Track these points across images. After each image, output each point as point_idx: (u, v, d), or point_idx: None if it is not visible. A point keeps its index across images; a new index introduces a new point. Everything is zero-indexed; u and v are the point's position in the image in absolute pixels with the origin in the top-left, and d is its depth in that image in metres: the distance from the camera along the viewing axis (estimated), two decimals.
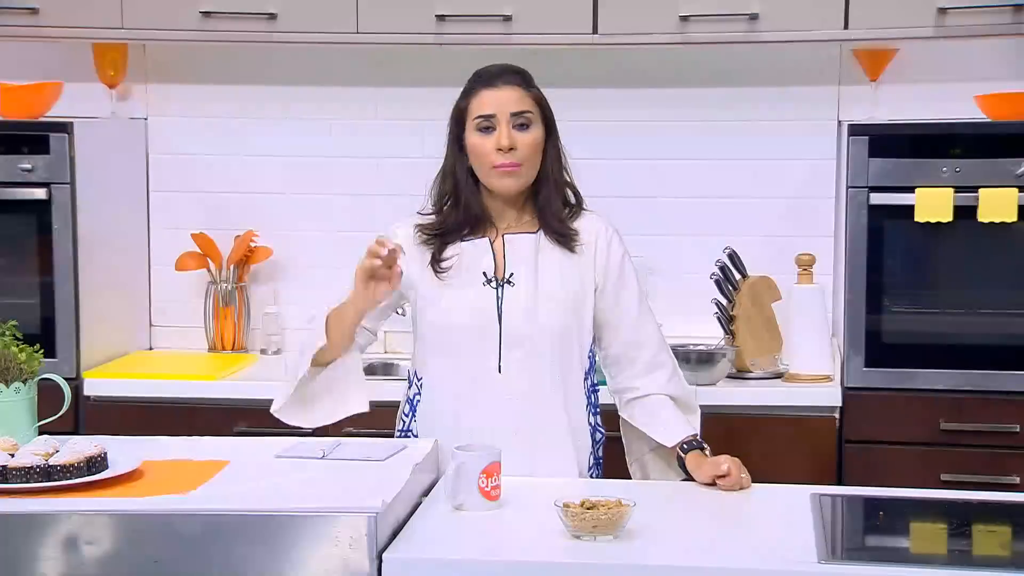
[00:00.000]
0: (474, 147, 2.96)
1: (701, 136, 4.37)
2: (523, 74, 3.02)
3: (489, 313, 2.97)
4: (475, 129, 2.96)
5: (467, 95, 3.00)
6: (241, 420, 3.93)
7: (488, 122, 2.95)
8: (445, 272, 2.99)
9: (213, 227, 4.45)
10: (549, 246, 3.01)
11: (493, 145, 2.94)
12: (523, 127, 2.95)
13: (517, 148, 2.94)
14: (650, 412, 3.04)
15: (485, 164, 2.96)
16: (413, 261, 3.00)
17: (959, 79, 4.18)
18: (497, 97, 2.95)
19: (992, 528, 2.76)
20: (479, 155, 2.96)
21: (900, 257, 3.90)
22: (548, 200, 3.01)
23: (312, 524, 2.40)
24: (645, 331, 3.07)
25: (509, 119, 2.94)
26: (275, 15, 4.04)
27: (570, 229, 3.01)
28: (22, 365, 2.85)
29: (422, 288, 3.01)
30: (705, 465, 2.87)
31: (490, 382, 2.97)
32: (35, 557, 2.42)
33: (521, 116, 2.95)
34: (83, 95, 4.41)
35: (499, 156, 2.93)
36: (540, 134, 2.98)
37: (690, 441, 2.96)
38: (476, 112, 2.96)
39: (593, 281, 3.02)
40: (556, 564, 2.42)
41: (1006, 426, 3.82)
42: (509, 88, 2.97)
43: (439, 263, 2.99)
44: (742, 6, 3.92)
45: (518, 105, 2.96)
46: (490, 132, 2.95)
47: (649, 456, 3.09)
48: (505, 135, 2.93)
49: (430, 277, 3.00)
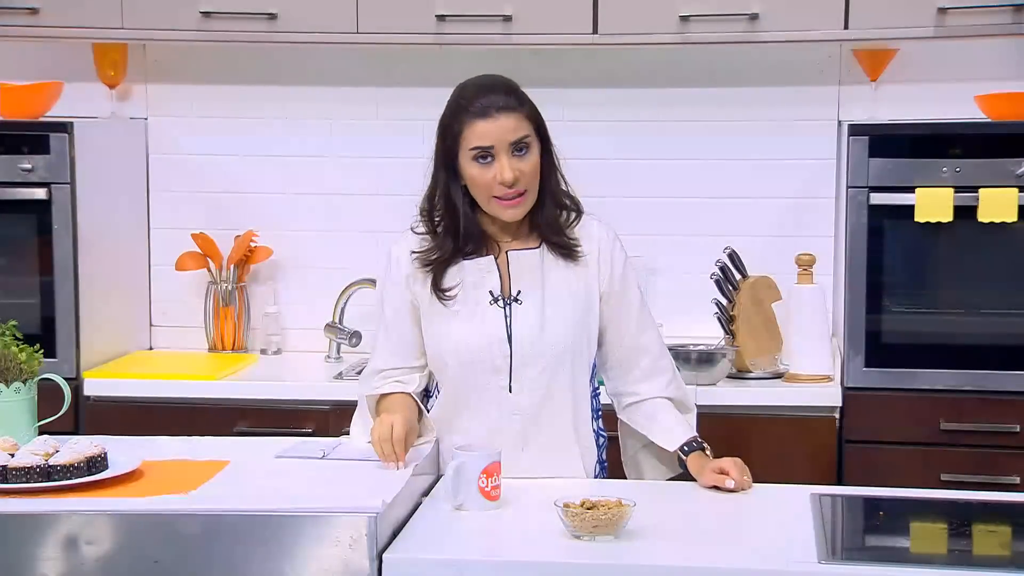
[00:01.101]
0: (473, 179, 2.88)
1: (701, 136, 4.37)
2: (514, 92, 2.91)
3: (499, 334, 2.93)
4: (472, 159, 2.87)
5: (459, 120, 2.87)
6: (241, 420, 3.94)
7: (486, 152, 2.86)
8: (451, 299, 2.94)
9: (213, 227, 4.45)
10: (553, 259, 2.97)
11: (494, 178, 2.85)
12: (521, 151, 2.87)
13: (520, 179, 2.87)
14: (650, 416, 3.03)
15: (486, 194, 2.89)
16: (415, 281, 2.97)
17: (959, 79, 4.18)
18: (494, 128, 2.85)
19: (992, 528, 2.76)
20: (480, 186, 2.88)
21: (900, 257, 3.90)
22: (548, 215, 2.96)
23: (312, 524, 2.40)
24: (646, 337, 3.05)
25: (508, 148, 2.86)
26: (275, 15, 4.04)
27: (571, 239, 2.97)
28: (22, 365, 2.86)
29: (429, 310, 2.97)
30: (707, 472, 2.86)
31: (500, 400, 2.94)
32: (35, 557, 2.42)
33: (519, 143, 2.87)
34: (83, 95, 4.40)
35: (501, 189, 2.86)
36: (538, 153, 2.91)
37: (690, 442, 2.96)
38: (473, 143, 2.86)
39: (598, 289, 3.00)
40: (556, 564, 2.42)
41: (1006, 426, 3.82)
42: (503, 116, 2.85)
43: (442, 291, 2.94)
44: (742, 6, 3.92)
45: (515, 133, 2.86)
46: (488, 162, 2.86)
47: (642, 454, 3.08)
48: (507, 168, 2.85)
49: (436, 299, 2.96)
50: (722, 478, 2.82)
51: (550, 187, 2.96)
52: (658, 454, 3.04)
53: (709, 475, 2.84)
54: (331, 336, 4.32)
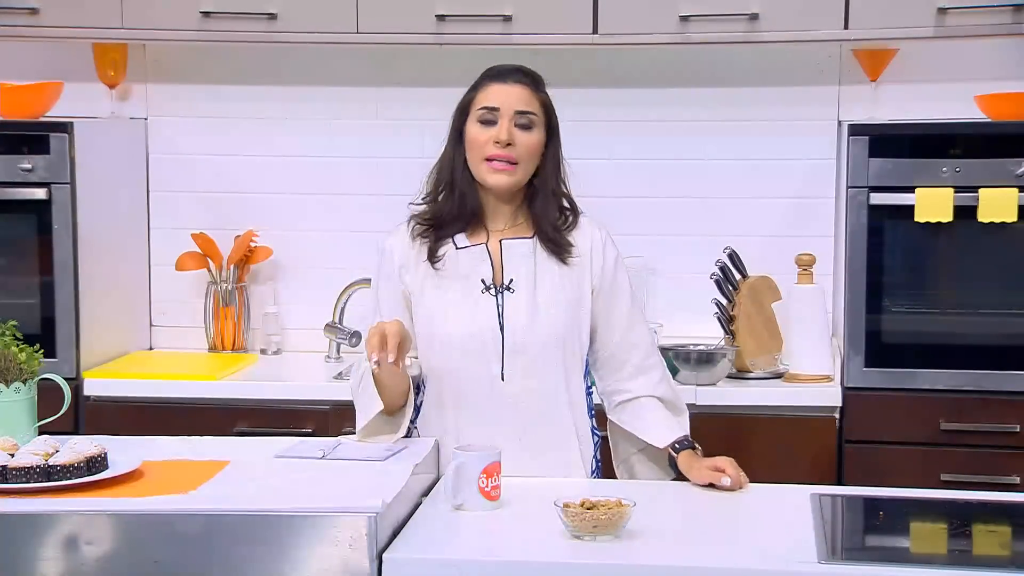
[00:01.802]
0: (472, 136, 2.95)
1: (701, 136, 4.37)
2: (535, 77, 3.01)
3: (491, 321, 2.96)
4: (477, 120, 2.95)
5: (475, 88, 2.99)
6: (241, 420, 3.94)
7: (491, 115, 2.93)
8: (443, 266, 2.97)
9: (213, 227, 4.45)
10: (545, 254, 3.00)
11: (491, 137, 2.93)
12: (525, 128, 2.94)
13: (515, 145, 2.93)
14: (639, 414, 3.04)
15: (479, 155, 2.94)
16: (407, 271, 3.00)
17: (959, 79, 4.18)
18: (505, 92, 2.95)
19: (992, 528, 2.76)
20: (475, 145, 2.94)
21: (900, 257, 3.90)
22: (544, 208, 2.99)
23: (312, 524, 2.40)
24: (636, 334, 3.06)
25: (513, 116, 2.93)
26: (275, 15, 4.04)
27: (565, 240, 3.00)
28: (22, 365, 2.85)
29: (421, 298, 3.00)
30: (701, 468, 2.86)
31: (492, 389, 2.96)
32: (35, 557, 2.42)
33: (525, 116, 2.94)
34: (83, 95, 4.40)
35: (494, 148, 2.91)
36: (541, 138, 2.97)
37: (681, 441, 2.96)
38: (481, 103, 2.95)
39: (590, 284, 3.01)
40: (556, 564, 2.42)
41: (1006, 426, 3.82)
42: (519, 86, 2.96)
43: (435, 258, 2.98)
44: (742, 6, 3.92)
45: (524, 104, 2.95)
46: (491, 125, 2.93)
47: (636, 457, 3.08)
48: (505, 129, 2.92)
49: (429, 287, 2.99)
50: (718, 475, 2.82)
51: (550, 182, 2.99)
52: (653, 458, 3.04)
53: (704, 472, 2.85)
54: (331, 336, 4.32)
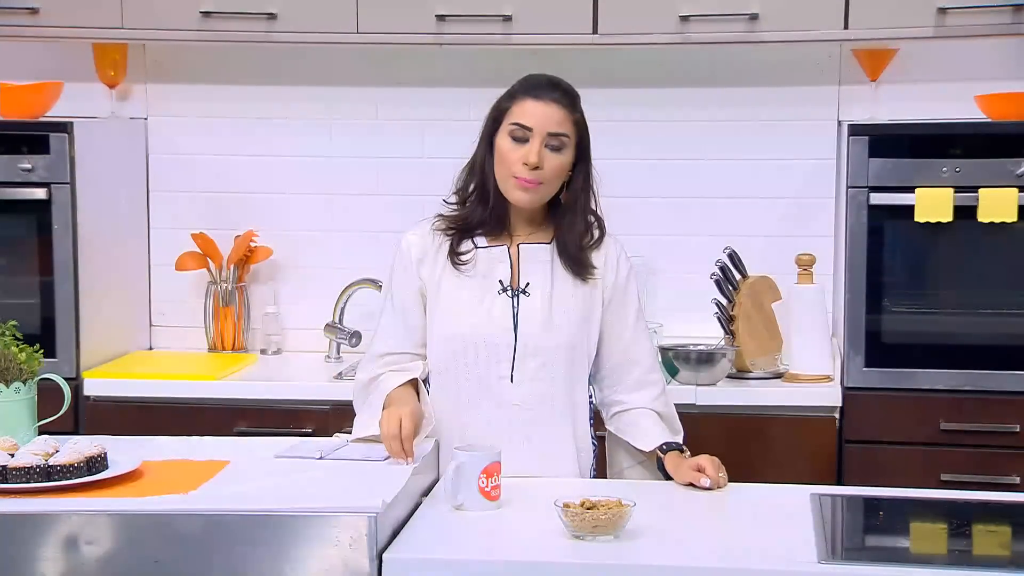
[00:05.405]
0: (502, 151, 2.95)
1: (701, 136, 4.37)
2: (572, 95, 2.99)
3: (505, 322, 2.97)
4: (508, 134, 2.94)
5: (512, 97, 2.97)
6: (241, 420, 3.94)
7: (523, 132, 2.93)
8: (464, 264, 2.98)
9: (213, 227, 4.45)
10: (562, 265, 3.01)
11: (520, 157, 2.92)
12: (556, 149, 2.94)
13: (543, 168, 2.93)
14: (632, 422, 3.05)
15: (507, 171, 2.94)
16: (424, 265, 3.01)
17: (959, 79, 4.18)
18: (540, 111, 2.93)
19: (992, 528, 2.76)
20: (504, 161, 2.94)
21: (900, 257, 3.90)
22: (571, 225, 3.01)
23: (312, 524, 2.40)
24: (640, 348, 3.08)
25: (545, 138, 2.92)
26: (275, 15, 4.04)
27: (587, 260, 3.01)
28: (22, 365, 2.86)
29: (437, 293, 3.01)
30: (683, 467, 2.88)
31: (501, 390, 2.97)
32: (35, 557, 2.42)
33: (557, 138, 2.94)
34: (83, 95, 4.40)
35: (523, 170, 2.92)
36: (569, 159, 2.97)
37: (669, 443, 2.98)
38: (515, 118, 2.94)
39: (602, 296, 3.03)
40: (556, 564, 2.42)
41: (1006, 426, 3.82)
42: (555, 106, 2.94)
43: (458, 256, 2.99)
44: (742, 6, 3.92)
45: (558, 126, 2.94)
46: (522, 143, 2.93)
47: (630, 472, 3.09)
48: (535, 152, 2.91)
49: (446, 283, 3.00)
50: (698, 475, 2.83)
51: (580, 201, 3.01)
52: (648, 472, 3.05)
53: (685, 471, 2.87)
54: (331, 336, 4.32)
